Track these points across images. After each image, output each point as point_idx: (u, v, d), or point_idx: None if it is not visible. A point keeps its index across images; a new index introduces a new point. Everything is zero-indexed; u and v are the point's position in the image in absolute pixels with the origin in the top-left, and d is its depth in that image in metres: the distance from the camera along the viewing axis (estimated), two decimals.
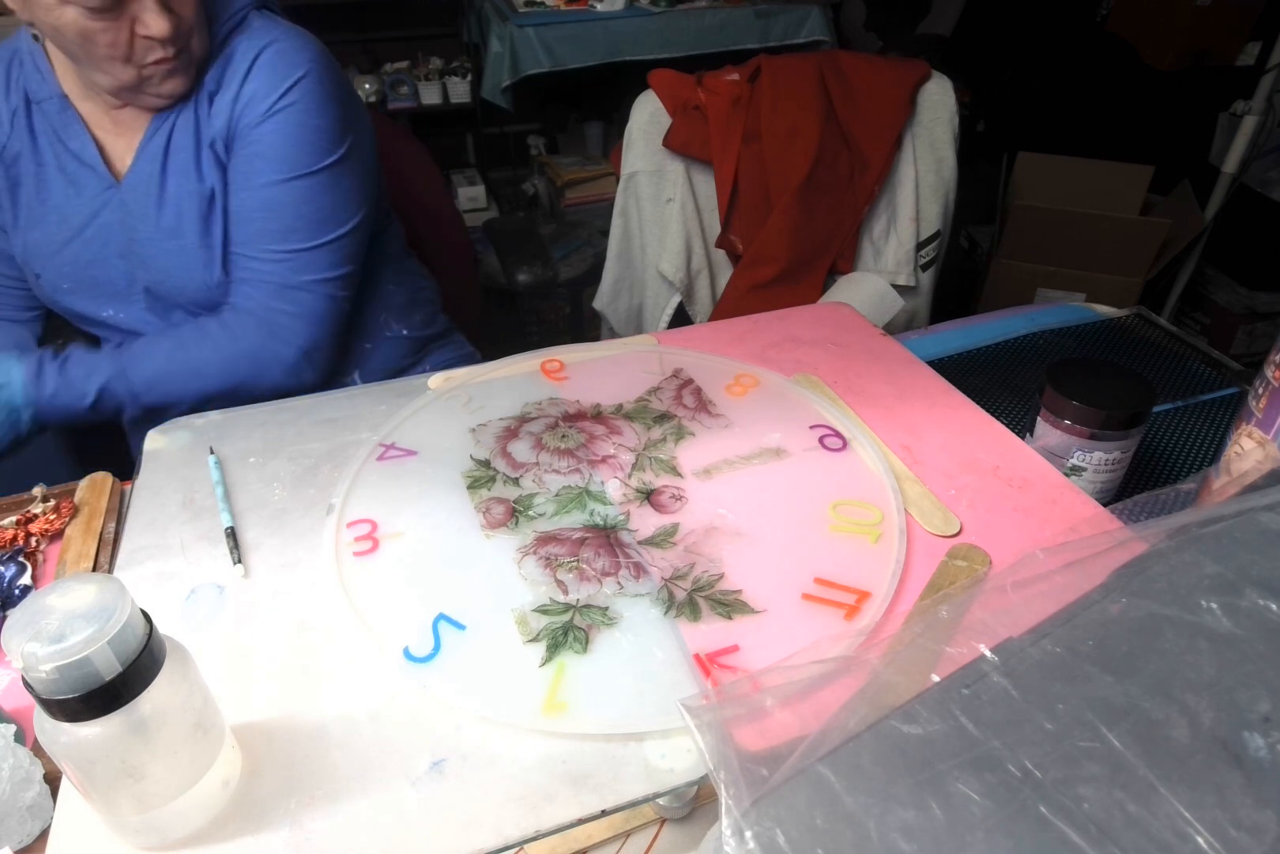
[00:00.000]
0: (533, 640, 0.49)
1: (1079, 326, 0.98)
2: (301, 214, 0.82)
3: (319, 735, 0.45)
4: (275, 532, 0.58)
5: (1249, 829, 0.30)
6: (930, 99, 1.27)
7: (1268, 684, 0.34)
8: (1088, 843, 0.31)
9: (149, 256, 0.84)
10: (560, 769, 0.43)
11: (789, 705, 0.41)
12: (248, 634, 0.50)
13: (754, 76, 1.23)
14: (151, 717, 0.36)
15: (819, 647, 0.47)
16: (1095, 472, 0.67)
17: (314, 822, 0.41)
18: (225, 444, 0.66)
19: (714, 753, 0.37)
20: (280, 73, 0.80)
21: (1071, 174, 1.80)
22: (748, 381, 0.72)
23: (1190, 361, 0.91)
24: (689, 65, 1.31)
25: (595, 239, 2.12)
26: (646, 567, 0.54)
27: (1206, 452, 0.78)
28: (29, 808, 0.45)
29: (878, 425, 0.66)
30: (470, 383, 0.72)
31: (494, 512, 0.59)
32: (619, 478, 0.62)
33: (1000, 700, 0.36)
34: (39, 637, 0.34)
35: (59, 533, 0.63)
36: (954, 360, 0.92)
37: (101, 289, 0.87)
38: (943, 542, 0.56)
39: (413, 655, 0.48)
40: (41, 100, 0.81)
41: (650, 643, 0.49)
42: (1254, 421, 0.55)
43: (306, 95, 0.80)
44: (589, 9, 2.27)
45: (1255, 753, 0.32)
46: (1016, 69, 2.45)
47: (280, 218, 0.82)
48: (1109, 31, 2.19)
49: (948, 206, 1.34)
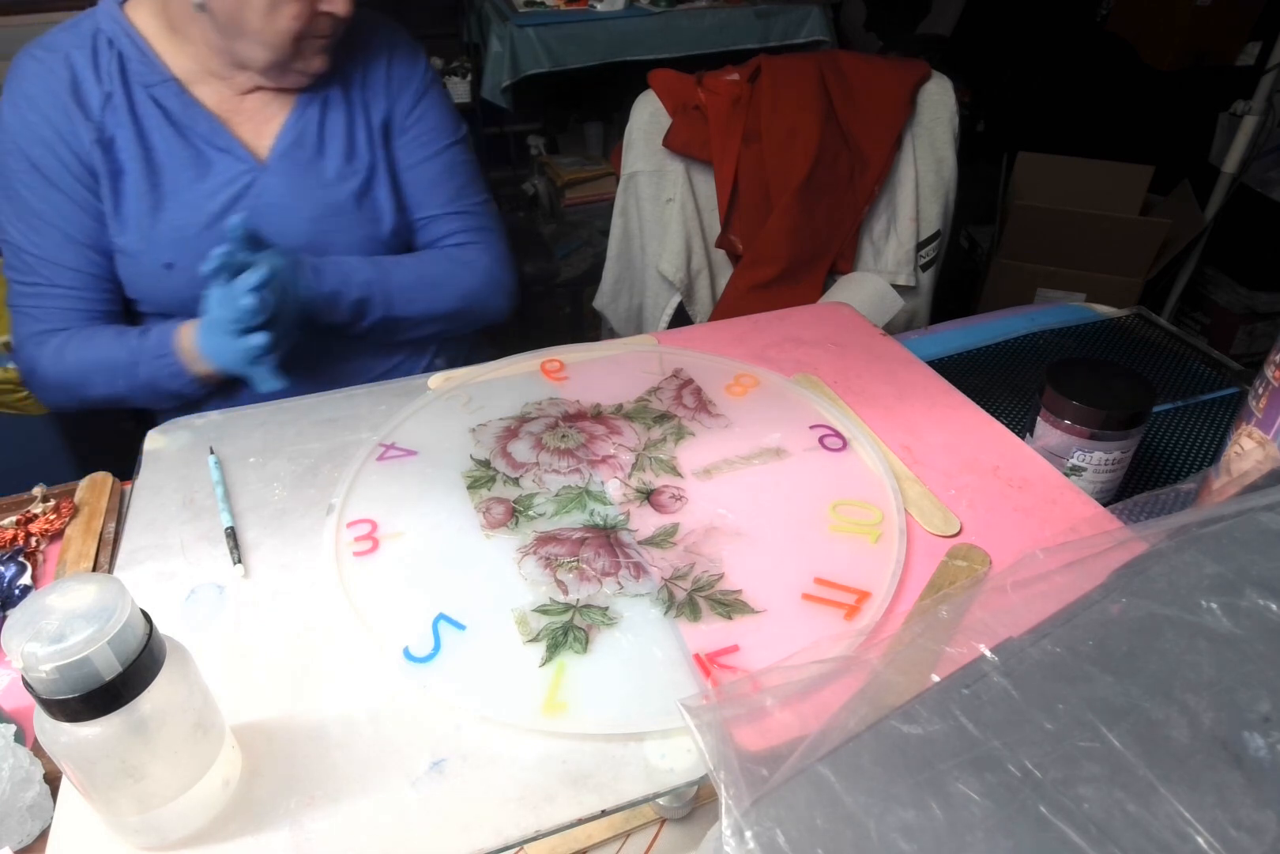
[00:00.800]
0: (533, 640, 0.49)
1: (1079, 326, 0.98)
2: (471, 172, 0.95)
3: (319, 735, 0.45)
4: (275, 532, 0.58)
5: (1249, 829, 0.30)
6: (930, 99, 1.27)
7: (1268, 684, 0.34)
8: (1088, 843, 0.31)
9: (293, 236, 0.85)
10: (560, 769, 0.43)
11: (789, 705, 0.41)
12: (248, 634, 0.50)
13: (754, 76, 1.23)
14: (151, 717, 0.36)
15: (819, 647, 0.47)
16: (1095, 472, 0.67)
17: (314, 822, 0.41)
18: (225, 444, 0.66)
19: (714, 753, 0.37)
20: (415, 52, 0.92)
21: (1071, 174, 1.80)
22: (748, 381, 0.72)
23: (1190, 361, 0.91)
24: (689, 65, 1.31)
25: (595, 239, 2.12)
26: (646, 567, 0.54)
27: (1206, 452, 0.78)
28: (29, 808, 0.45)
29: (878, 425, 0.66)
30: (470, 383, 0.72)
31: (494, 512, 0.59)
32: (619, 478, 0.62)
33: (1000, 700, 0.36)
34: (39, 637, 0.34)
35: (59, 533, 0.63)
36: (954, 360, 0.92)
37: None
38: (943, 542, 0.56)
39: (413, 655, 0.48)
40: (152, 85, 0.79)
41: (650, 643, 0.49)
42: (1254, 421, 0.55)
43: (433, 69, 0.93)
44: (589, 9, 2.27)
45: (1255, 753, 0.32)
46: (1016, 69, 2.45)
47: (459, 176, 0.93)
48: (1109, 31, 2.19)
49: (948, 206, 1.34)
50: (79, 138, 0.78)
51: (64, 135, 0.78)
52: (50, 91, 0.78)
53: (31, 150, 0.78)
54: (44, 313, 0.82)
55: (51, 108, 0.78)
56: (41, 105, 0.78)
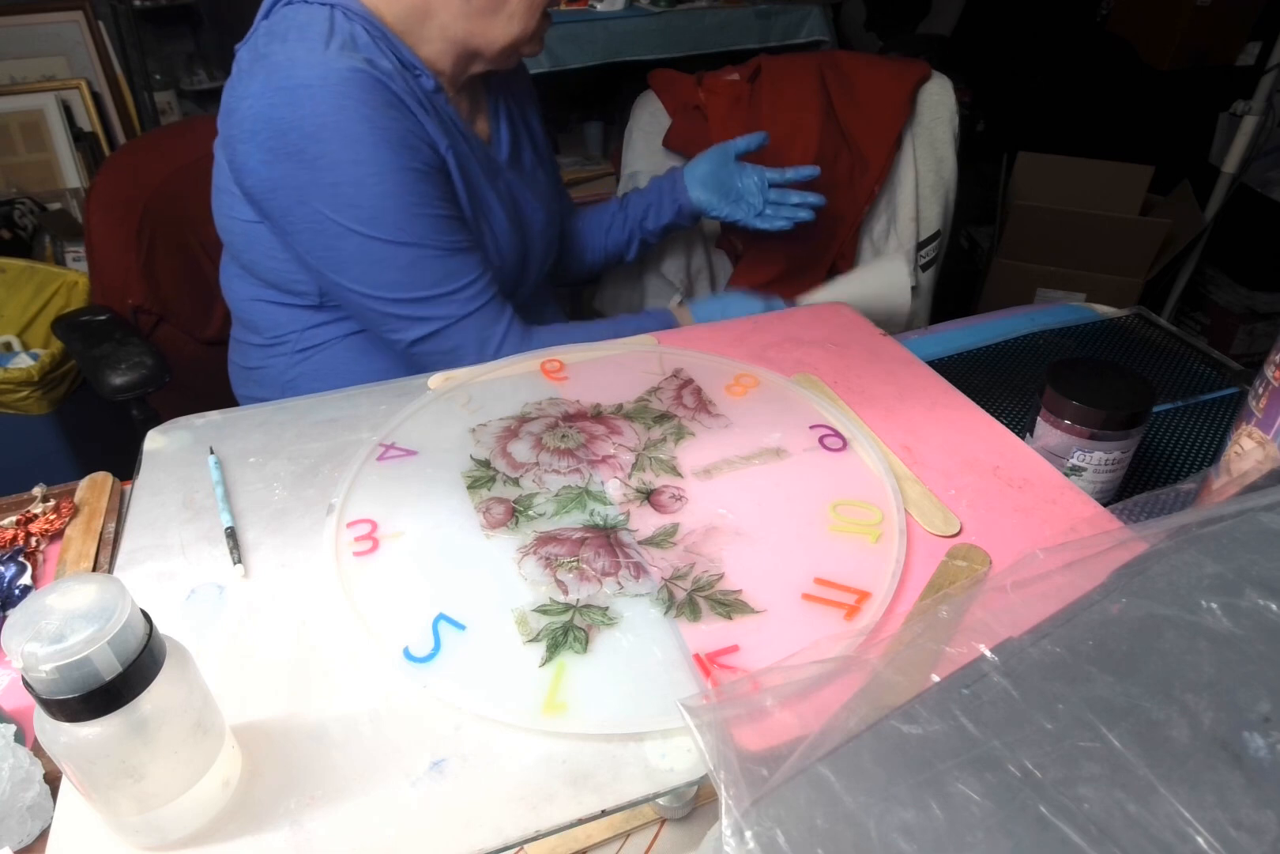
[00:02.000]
0: (533, 640, 0.49)
1: (1079, 326, 0.98)
2: None
3: (319, 735, 0.45)
4: (275, 532, 0.58)
5: (1249, 829, 0.30)
6: (930, 99, 1.27)
7: (1268, 684, 0.34)
8: (1088, 843, 0.31)
9: (529, 226, 0.89)
10: (560, 769, 0.43)
11: (789, 705, 0.41)
12: (248, 634, 0.50)
13: (754, 76, 1.23)
14: (151, 717, 0.36)
15: (819, 647, 0.47)
16: (1095, 472, 0.67)
17: (314, 822, 0.41)
18: (225, 444, 0.66)
19: (714, 753, 0.37)
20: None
21: (1071, 174, 1.80)
22: (748, 381, 0.72)
23: (1190, 361, 0.91)
24: (689, 65, 1.31)
25: None
26: (646, 567, 0.54)
27: (1206, 452, 0.78)
28: (29, 808, 0.45)
29: (878, 425, 0.66)
30: (470, 383, 0.72)
31: (494, 511, 0.59)
32: (619, 478, 0.62)
33: (1000, 700, 0.36)
34: (39, 637, 0.34)
35: (59, 533, 0.63)
36: (954, 360, 0.92)
37: (517, 270, 0.91)
38: (943, 542, 0.56)
39: (413, 655, 0.48)
40: (434, 91, 0.79)
41: (650, 643, 0.49)
42: (1254, 422, 0.55)
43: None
44: (589, 9, 2.27)
45: (1255, 753, 0.32)
46: (1016, 69, 2.45)
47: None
48: (1109, 31, 2.19)
49: (948, 206, 1.34)
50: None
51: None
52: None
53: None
54: (500, 300, 0.84)
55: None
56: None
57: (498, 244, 0.85)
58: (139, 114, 2.17)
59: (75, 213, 1.99)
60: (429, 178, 0.76)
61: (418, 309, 0.79)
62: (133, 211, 1.08)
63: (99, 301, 1.12)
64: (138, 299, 1.09)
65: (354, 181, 0.72)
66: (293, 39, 0.72)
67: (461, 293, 0.79)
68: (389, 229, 0.74)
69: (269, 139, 0.71)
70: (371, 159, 0.72)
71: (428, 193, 0.75)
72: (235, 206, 0.80)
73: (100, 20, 2.06)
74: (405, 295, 0.77)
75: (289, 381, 0.89)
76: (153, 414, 1.00)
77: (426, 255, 0.76)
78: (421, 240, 0.75)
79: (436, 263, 0.77)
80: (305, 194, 0.72)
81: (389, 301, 0.78)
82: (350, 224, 0.73)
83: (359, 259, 0.75)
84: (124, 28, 2.05)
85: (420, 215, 0.75)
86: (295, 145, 0.70)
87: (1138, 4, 2.11)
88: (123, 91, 2.15)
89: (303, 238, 0.75)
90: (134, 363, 0.97)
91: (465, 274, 0.79)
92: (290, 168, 0.72)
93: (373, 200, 0.73)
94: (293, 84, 0.70)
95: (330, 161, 0.71)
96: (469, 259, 0.79)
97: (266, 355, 0.89)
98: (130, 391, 0.96)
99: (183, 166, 1.13)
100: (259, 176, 0.74)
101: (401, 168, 0.73)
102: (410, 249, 0.75)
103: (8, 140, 2.03)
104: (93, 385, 0.98)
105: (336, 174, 0.71)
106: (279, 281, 0.83)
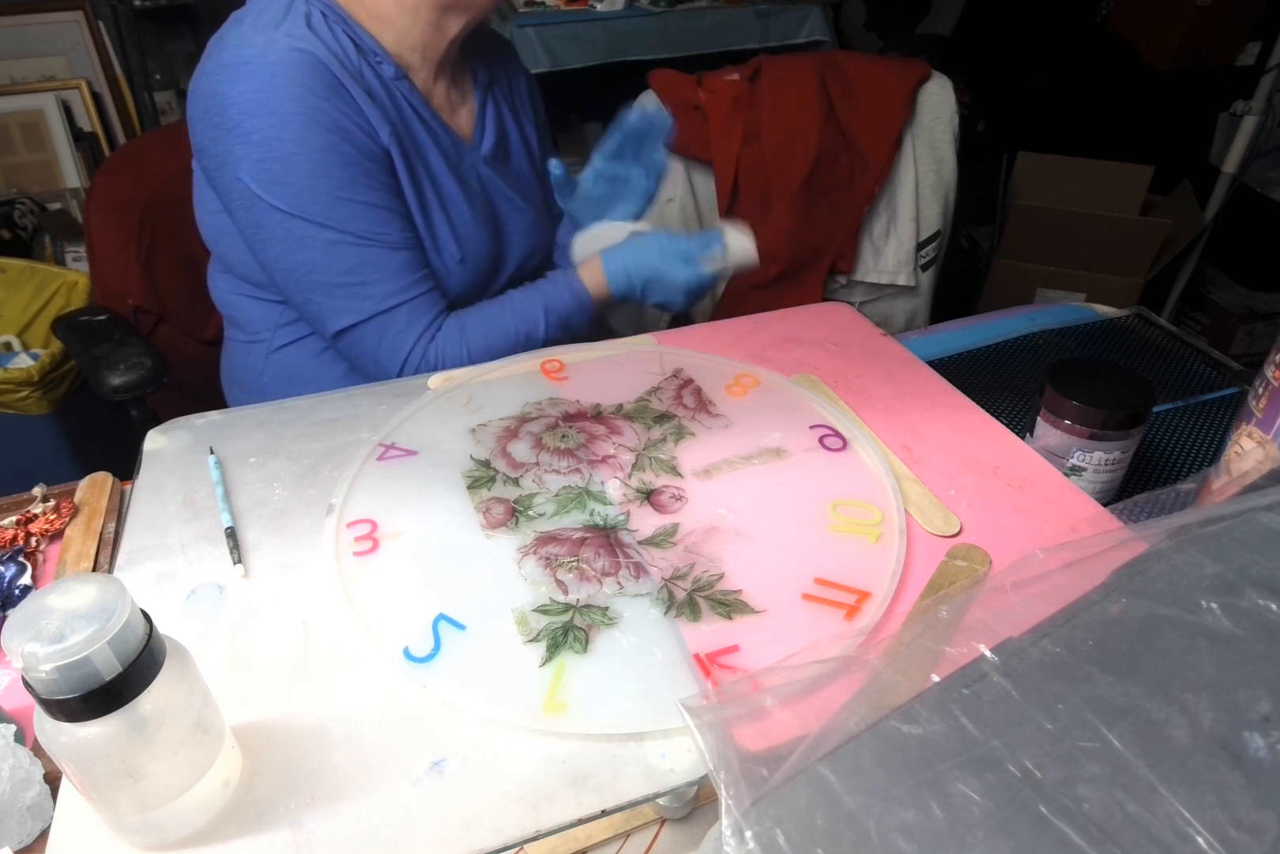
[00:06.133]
0: (533, 640, 0.49)
1: (1079, 326, 0.98)
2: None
3: (319, 735, 0.45)
4: (275, 532, 0.58)
5: (1249, 829, 0.30)
6: (930, 99, 1.27)
7: (1268, 684, 0.34)
8: (1088, 843, 0.31)
9: (505, 223, 0.88)
10: (560, 769, 0.43)
11: (789, 705, 0.41)
12: (248, 634, 0.50)
13: (754, 76, 1.23)
14: (151, 717, 0.36)
15: (819, 647, 0.47)
16: (1095, 471, 0.67)
17: (314, 822, 0.41)
18: (225, 444, 0.66)
19: (714, 753, 0.37)
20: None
21: (1071, 174, 1.80)
22: (748, 381, 0.72)
23: (1190, 361, 0.91)
24: (689, 65, 1.31)
25: None
26: (646, 567, 0.54)
27: (1206, 452, 0.78)
28: (29, 808, 0.45)
29: (878, 425, 0.66)
30: (470, 383, 0.72)
31: (494, 512, 0.59)
32: (619, 478, 0.62)
33: (1000, 700, 0.36)
34: (39, 637, 0.34)
35: (59, 533, 0.63)
36: (954, 360, 0.92)
37: (488, 265, 0.89)
38: (943, 542, 0.56)
39: (413, 655, 0.48)
40: (395, 79, 0.79)
41: (650, 643, 0.49)
42: (1254, 422, 0.55)
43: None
44: (589, 9, 2.27)
45: (1255, 753, 0.32)
46: (1016, 69, 2.45)
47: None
48: (1109, 31, 2.19)
49: (948, 206, 1.34)
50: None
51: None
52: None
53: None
54: (423, 305, 0.80)
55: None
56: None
57: (456, 236, 0.83)
58: (139, 114, 2.17)
59: (75, 213, 1.99)
60: (358, 164, 0.75)
61: (331, 296, 0.78)
62: (133, 211, 1.08)
63: (99, 302, 1.12)
64: (137, 299, 1.09)
65: (281, 159, 0.72)
66: (248, 22, 0.74)
67: (376, 288, 0.78)
68: (309, 208, 0.74)
69: (215, 115, 0.72)
70: (297, 138, 0.72)
71: (354, 179, 0.75)
72: (205, 196, 0.82)
73: (100, 20, 2.06)
74: (321, 279, 0.77)
75: (263, 385, 0.90)
76: (152, 414, 1.00)
77: (345, 241, 0.76)
78: (342, 226, 0.75)
79: (353, 251, 0.76)
80: (238, 169, 0.73)
81: (307, 284, 0.77)
82: (274, 201, 0.73)
83: (281, 237, 0.75)
84: (124, 27, 2.05)
85: (342, 199, 0.75)
86: (233, 120, 0.72)
87: (1138, 4, 2.11)
88: (123, 91, 2.15)
89: (238, 215, 0.76)
90: (133, 363, 0.97)
91: (380, 268, 0.78)
92: (229, 143, 0.73)
93: (297, 179, 0.73)
94: (236, 61, 0.71)
95: (261, 138, 0.72)
96: (392, 256, 0.78)
97: (248, 353, 0.90)
98: (129, 392, 0.96)
99: (183, 166, 1.12)
100: (209, 154, 0.75)
101: (328, 149, 0.73)
102: (329, 232, 0.75)
103: (8, 140, 2.03)
104: (92, 385, 0.98)
105: (266, 150, 0.72)
106: (248, 274, 0.84)
